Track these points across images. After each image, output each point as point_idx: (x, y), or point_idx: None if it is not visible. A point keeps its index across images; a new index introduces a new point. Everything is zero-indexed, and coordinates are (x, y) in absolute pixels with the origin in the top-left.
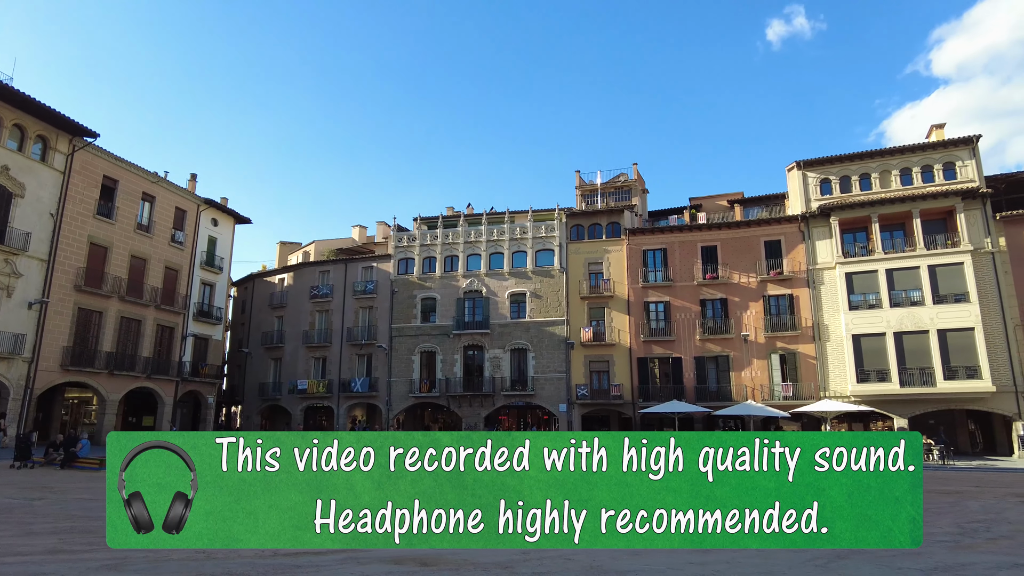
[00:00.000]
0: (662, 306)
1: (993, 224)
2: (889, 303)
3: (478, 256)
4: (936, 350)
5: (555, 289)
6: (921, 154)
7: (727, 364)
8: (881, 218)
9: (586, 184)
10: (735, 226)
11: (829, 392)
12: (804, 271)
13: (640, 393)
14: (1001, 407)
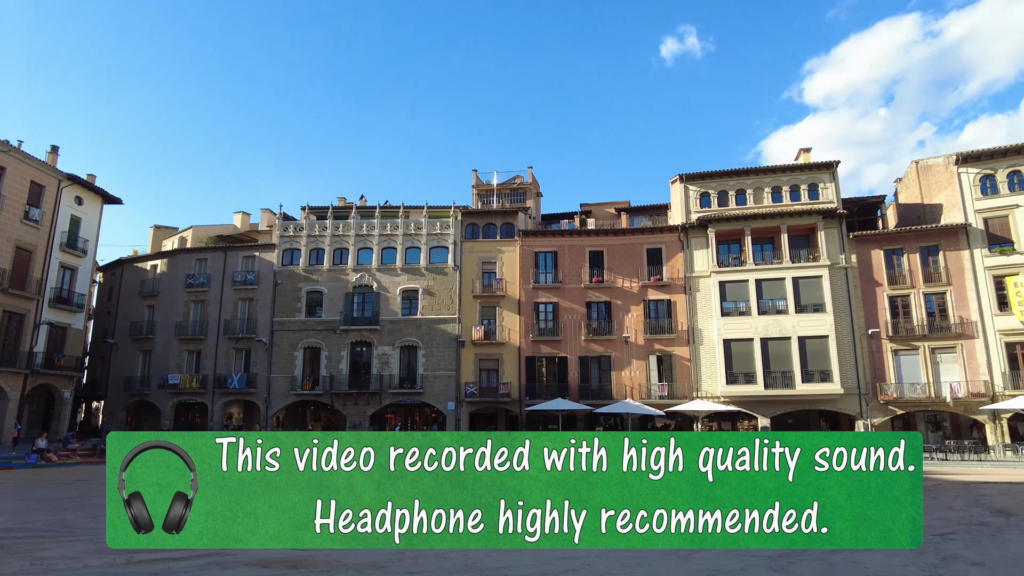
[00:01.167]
0: (551, 307)
1: (847, 242)
2: (757, 311)
3: (370, 250)
4: (796, 355)
5: (448, 287)
6: (790, 174)
7: (609, 364)
8: (753, 232)
9: (483, 184)
10: (621, 233)
11: (701, 392)
12: (682, 278)
13: (527, 391)
14: (847, 408)
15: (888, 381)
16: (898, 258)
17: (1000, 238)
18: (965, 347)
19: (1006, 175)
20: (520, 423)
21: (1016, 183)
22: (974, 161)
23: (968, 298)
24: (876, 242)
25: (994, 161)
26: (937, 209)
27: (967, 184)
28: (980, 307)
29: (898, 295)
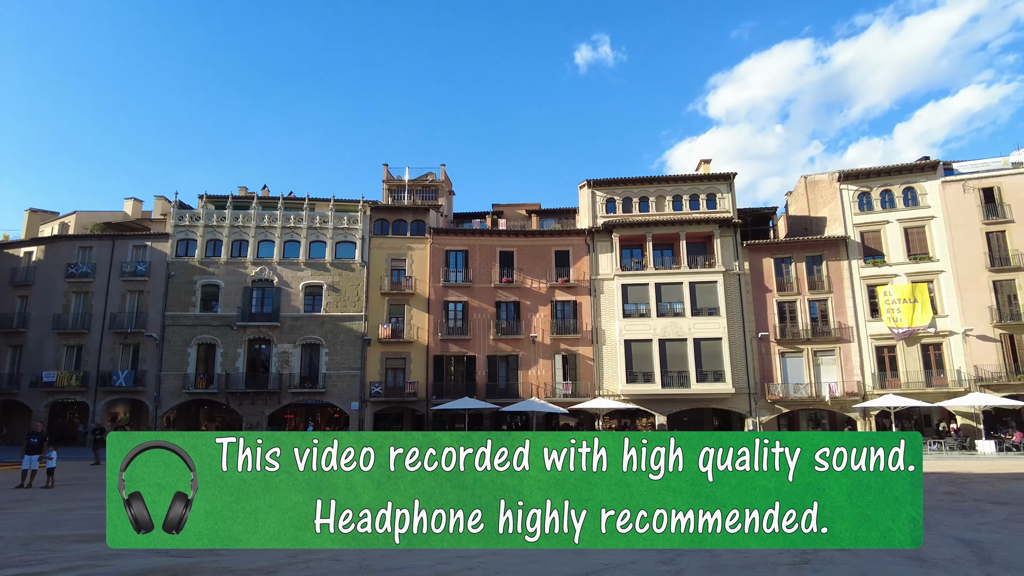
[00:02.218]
0: (461, 306)
1: (741, 250)
2: (656, 313)
3: (271, 243)
4: (692, 356)
5: (355, 283)
6: (691, 184)
7: (517, 363)
8: (655, 237)
9: (394, 179)
10: (531, 235)
11: (603, 391)
12: (587, 280)
13: (434, 390)
14: (738, 406)
15: (775, 381)
16: (787, 266)
17: (873, 251)
18: (842, 350)
19: (879, 193)
20: (426, 423)
21: (887, 201)
22: (853, 179)
23: (846, 305)
24: (767, 251)
25: (870, 180)
26: (822, 222)
27: (847, 200)
28: (856, 314)
29: (786, 301)
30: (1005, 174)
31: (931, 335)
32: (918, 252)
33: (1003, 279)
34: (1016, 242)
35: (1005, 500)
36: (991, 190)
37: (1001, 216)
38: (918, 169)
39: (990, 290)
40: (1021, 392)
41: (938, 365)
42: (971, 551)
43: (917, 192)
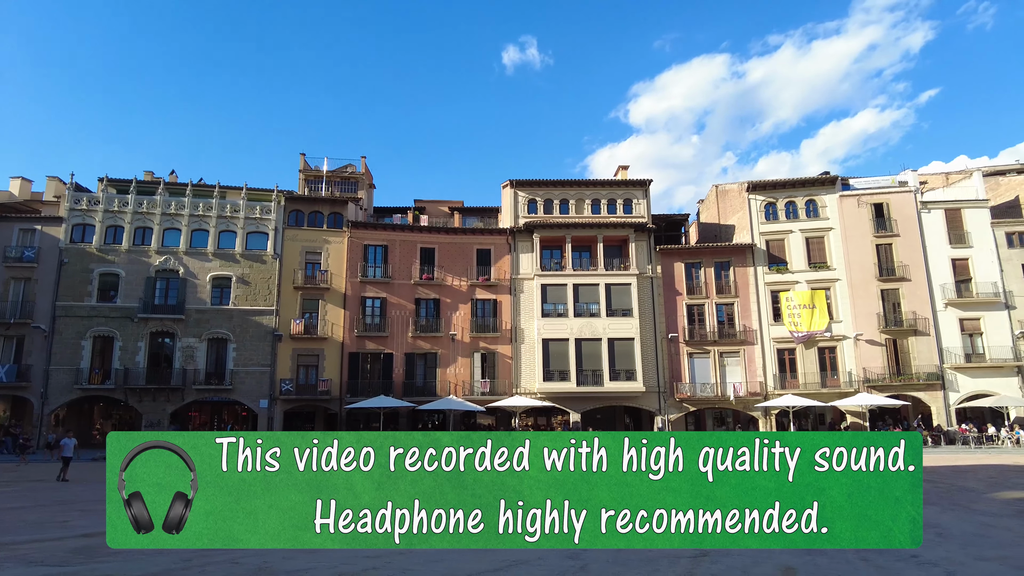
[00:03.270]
0: (379, 302)
1: (654, 254)
2: (573, 313)
3: (178, 231)
4: (606, 355)
5: (266, 276)
6: (609, 189)
7: (435, 361)
8: (574, 239)
9: (311, 169)
10: (453, 232)
11: (520, 389)
12: (508, 279)
13: (349, 388)
14: (648, 405)
15: (684, 381)
16: (697, 271)
17: (777, 258)
18: (746, 352)
19: (784, 204)
20: (340, 422)
21: (791, 212)
22: (761, 190)
23: (751, 309)
24: (679, 256)
25: (776, 191)
26: (731, 229)
27: (755, 209)
28: (759, 318)
29: (695, 304)
30: (893, 192)
31: (827, 339)
32: (817, 261)
33: (889, 288)
34: (901, 254)
35: None
36: (881, 205)
37: (889, 230)
38: (819, 183)
39: (878, 298)
40: (901, 392)
41: (832, 367)
42: None
43: (818, 204)
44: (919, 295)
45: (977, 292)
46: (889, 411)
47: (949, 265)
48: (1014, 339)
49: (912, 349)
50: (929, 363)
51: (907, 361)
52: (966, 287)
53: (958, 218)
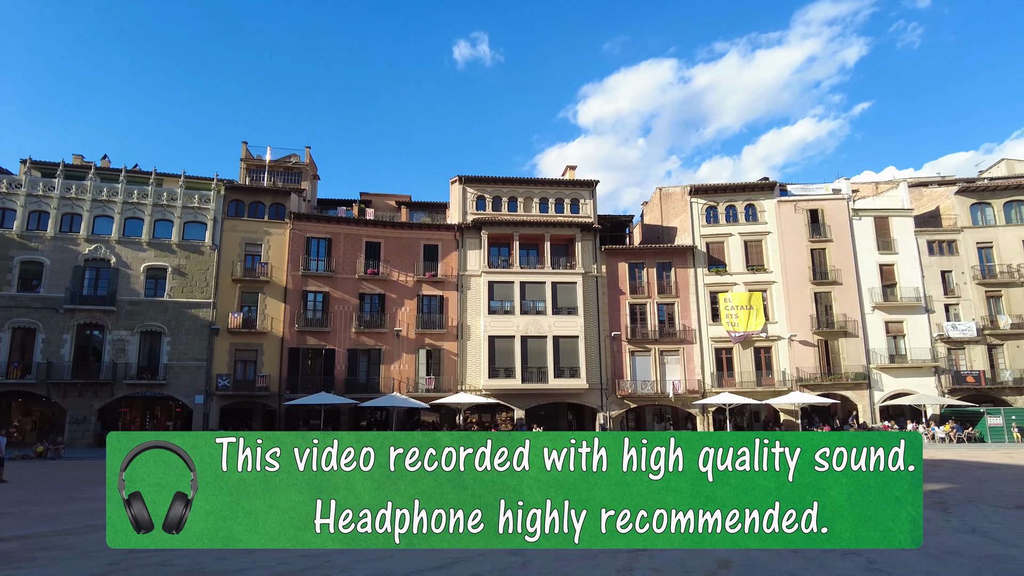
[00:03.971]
0: (321, 296)
1: (600, 254)
2: (520, 311)
3: (110, 219)
4: (551, 353)
5: (204, 268)
6: (557, 189)
7: (379, 357)
8: (521, 237)
9: (253, 159)
10: (400, 226)
11: (466, 386)
12: (455, 276)
13: (289, 384)
14: (591, 401)
15: (625, 378)
16: (640, 271)
17: (717, 260)
18: (685, 351)
19: (725, 208)
20: (279, 418)
21: (731, 215)
22: (703, 194)
23: (691, 309)
24: (623, 256)
25: (717, 195)
26: (673, 231)
27: (697, 212)
28: (699, 317)
29: (637, 304)
30: (827, 199)
31: (763, 339)
32: (755, 264)
33: (822, 291)
34: (833, 259)
35: None
36: (816, 212)
37: (823, 235)
38: (759, 189)
39: (812, 300)
40: (831, 391)
41: (767, 367)
42: None
43: (757, 209)
44: (849, 298)
45: (901, 296)
46: (820, 409)
47: (877, 270)
48: (932, 341)
49: (842, 350)
50: (857, 363)
51: (837, 361)
52: (891, 291)
53: (886, 226)
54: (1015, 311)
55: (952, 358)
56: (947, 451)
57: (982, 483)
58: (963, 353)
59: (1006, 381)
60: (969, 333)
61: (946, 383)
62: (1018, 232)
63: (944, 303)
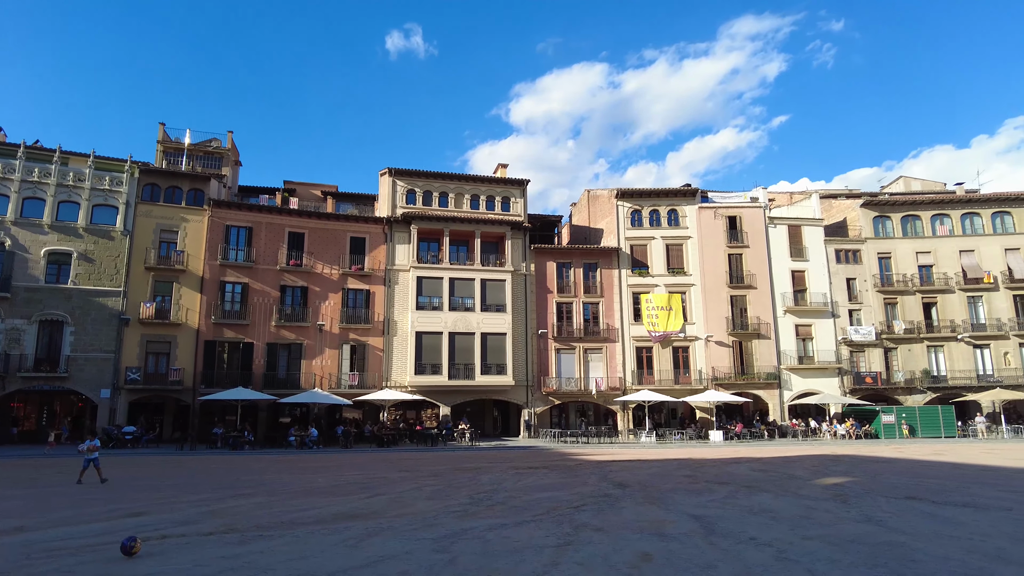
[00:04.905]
0: (240, 288)
1: (529, 253)
2: (448, 307)
3: (5, 198)
4: (478, 350)
5: (114, 254)
6: (488, 186)
7: (300, 352)
8: (452, 233)
9: (171, 141)
10: (326, 217)
11: (391, 382)
12: (383, 270)
13: (204, 378)
14: (517, 398)
15: (550, 375)
16: (567, 271)
17: (640, 262)
18: (608, 349)
19: (649, 212)
20: (193, 414)
21: (654, 220)
22: (629, 197)
23: (614, 309)
24: (551, 255)
25: (642, 200)
26: (600, 233)
27: (622, 215)
28: (622, 317)
29: (564, 302)
30: (745, 207)
31: (681, 339)
32: (676, 266)
33: (738, 294)
34: (749, 264)
35: (727, 481)
36: (734, 219)
37: (740, 242)
38: (681, 195)
39: (728, 303)
40: (744, 390)
41: (685, 365)
42: (700, 525)
43: (679, 214)
44: (763, 302)
45: (810, 302)
46: (733, 407)
47: (789, 276)
48: (837, 344)
49: (755, 351)
50: (768, 364)
51: (750, 362)
52: (802, 296)
53: (798, 234)
54: (908, 317)
55: (853, 360)
56: (847, 447)
57: (877, 476)
58: (863, 355)
59: (899, 382)
60: (869, 337)
61: (848, 383)
62: (913, 244)
63: (848, 308)
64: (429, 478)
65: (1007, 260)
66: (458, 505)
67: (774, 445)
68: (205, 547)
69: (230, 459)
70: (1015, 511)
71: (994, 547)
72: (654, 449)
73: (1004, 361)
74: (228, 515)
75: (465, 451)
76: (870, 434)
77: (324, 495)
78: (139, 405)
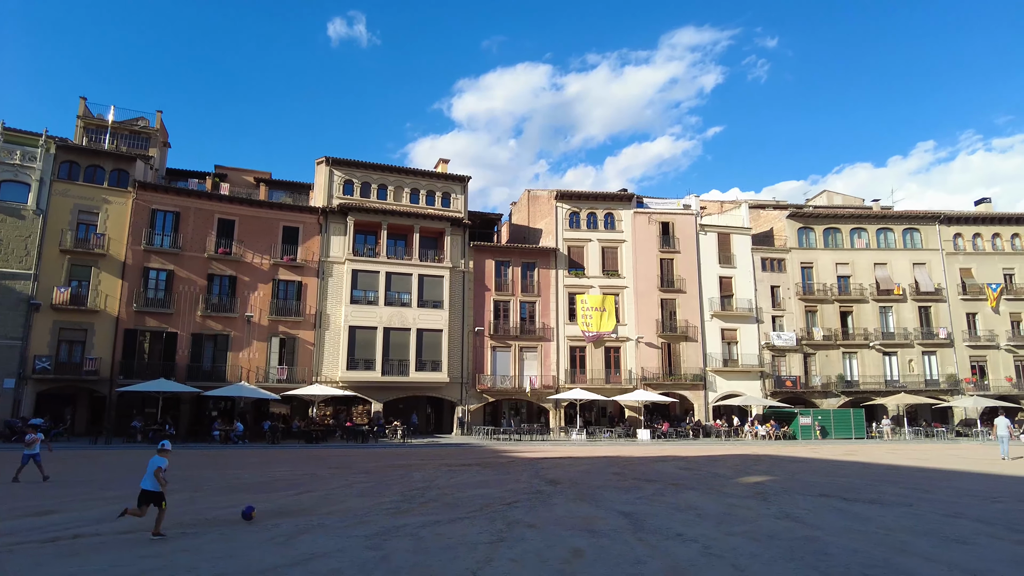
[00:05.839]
0: (165, 275)
1: (468, 250)
2: (384, 302)
3: None
4: (414, 346)
5: (24, 234)
6: (429, 180)
7: (227, 344)
8: (390, 227)
9: (93, 117)
10: (259, 205)
11: (321, 377)
12: (316, 262)
13: (123, 369)
14: (451, 395)
15: (485, 373)
16: (506, 269)
17: (577, 263)
18: (543, 348)
19: (586, 215)
20: (109, 405)
21: (591, 222)
22: (567, 199)
23: (551, 308)
24: (491, 253)
25: (580, 202)
26: (538, 233)
27: (561, 216)
28: (557, 317)
29: (501, 300)
30: (677, 213)
31: (613, 340)
32: (611, 269)
33: (668, 298)
34: (680, 269)
35: (654, 479)
36: (667, 224)
37: (672, 247)
38: (618, 199)
39: (659, 306)
40: (672, 390)
41: (616, 366)
42: (630, 521)
43: (615, 218)
44: (692, 306)
45: (736, 307)
46: (660, 406)
47: (717, 282)
48: (760, 348)
49: (683, 353)
50: (695, 366)
51: (678, 363)
52: (728, 302)
53: (727, 242)
54: (826, 324)
55: (775, 364)
56: (767, 447)
57: (794, 475)
58: (784, 360)
59: (816, 386)
60: (790, 342)
61: (769, 386)
62: (833, 255)
63: (772, 315)
64: (360, 475)
65: (915, 274)
66: (390, 502)
67: (699, 444)
68: (123, 547)
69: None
70: (915, 507)
71: (897, 540)
72: (584, 447)
73: (909, 368)
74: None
75: (397, 448)
76: (788, 435)
77: (251, 492)
78: (49, 396)
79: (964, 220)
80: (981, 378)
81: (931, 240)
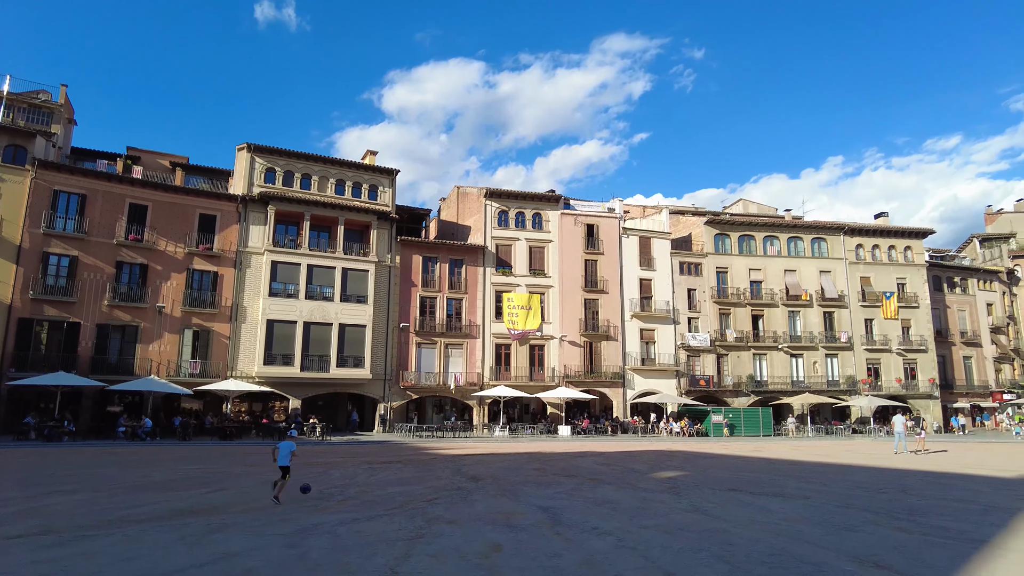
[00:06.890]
0: (67, 261)
1: (395, 244)
2: (305, 295)
3: None
4: (335, 341)
5: None
6: (356, 172)
7: (135, 335)
8: (313, 218)
9: None
10: (173, 190)
11: (237, 372)
12: (234, 252)
13: (16, 361)
14: (373, 392)
15: (410, 369)
16: (433, 265)
17: (504, 262)
18: (469, 345)
19: (515, 214)
20: (0, 400)
21: (520, 222)
22: (497, 198)
23: (477, 306)
24: (418, 249)
25: (509, 201)
26: (467, 230)
27: (490, 214)
28: (484, 314)
29: (428, 297)
30: (603, 216)
31: (538, 338)
32: (537, 268)
33: (592, 298)
34: (603, 270)
35: (573, 474)
36: (592, 226)
37: (596, 248)
38: (546, 200)
39: (582, 306)
40: (593, 388)
41: (540, 363)
42: (548, 516)
43: (543, 218)
44: (613, 306)
45: (655, 308)
46: (581, 403)
47: (637, 283)
48: (676, 348)
49: (604, 351)
50: (615, 364)
51: (599, 361)
52: (647, 303)
53: (648, 245)
54: (739, 327)
55: (690, 364)
56: (681, 444)
57: (705, 470)
58: (699, 360)
59: (727, 385)
60: (704, 343)
61: (684, 385)
62: (747, 261)
63: (688, 316)
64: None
65: (820, 281)
66: (308, 500)
67: (617, 440)
68: (12, 551)
69: (44, 452)
70: (812, 499)
71: (795, 530)
72: (507, 443)
73: (813, 369)
74: (42, 515)
75: (316, 446)
76: (701, 432)
77: (159, 490)
78: None
79: (865, 232)
80: (876, 379)
81: (836, 250)
